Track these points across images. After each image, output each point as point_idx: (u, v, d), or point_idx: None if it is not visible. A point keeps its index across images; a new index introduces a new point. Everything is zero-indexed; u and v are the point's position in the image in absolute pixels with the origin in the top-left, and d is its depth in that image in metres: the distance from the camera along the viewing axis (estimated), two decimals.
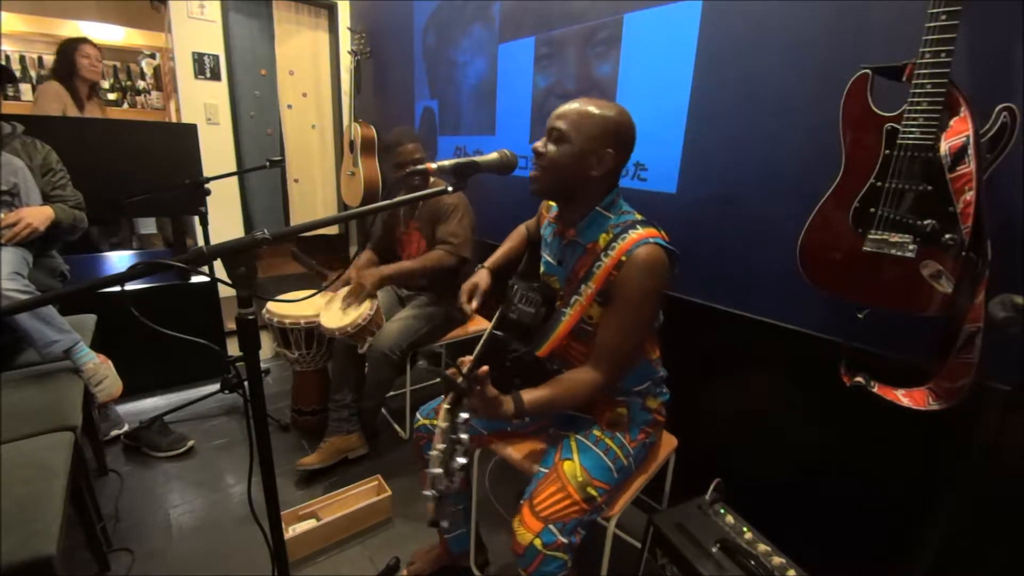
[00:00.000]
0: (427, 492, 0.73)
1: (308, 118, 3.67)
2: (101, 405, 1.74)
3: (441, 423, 0.82)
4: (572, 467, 1.07)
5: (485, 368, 0.90)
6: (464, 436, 0.78)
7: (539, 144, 1.05)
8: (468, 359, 0.96)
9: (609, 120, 1.01)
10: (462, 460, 0.75)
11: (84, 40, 2.75)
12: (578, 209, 1.08)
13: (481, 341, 1.06)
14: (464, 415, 0.81)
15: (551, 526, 0.99)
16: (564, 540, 0.99)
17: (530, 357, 1.09)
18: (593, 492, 1.04)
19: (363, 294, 1.84)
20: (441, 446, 0.77)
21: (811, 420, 1.32)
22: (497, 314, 1.23)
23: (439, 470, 0.74)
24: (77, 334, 1.57)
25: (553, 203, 1.19)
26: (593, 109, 1.02)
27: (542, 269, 1.23)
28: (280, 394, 2.38)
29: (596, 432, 1.14)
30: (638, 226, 1.03)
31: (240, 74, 3.14)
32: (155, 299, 2.29)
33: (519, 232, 1.48)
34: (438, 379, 0.91)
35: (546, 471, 1.08)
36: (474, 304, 1.29)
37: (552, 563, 0.99)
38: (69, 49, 2.69)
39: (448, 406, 0.84)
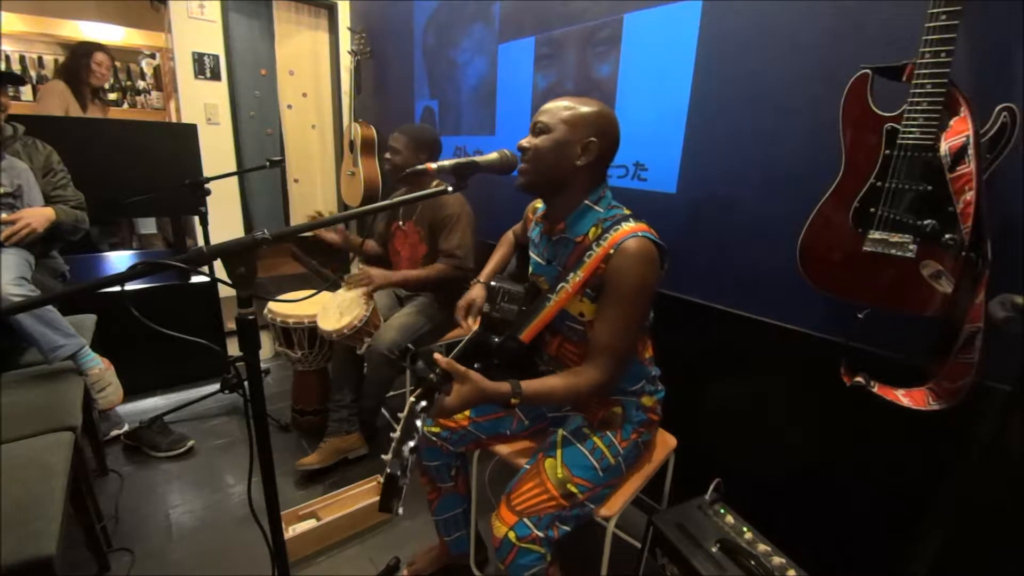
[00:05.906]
0: (381, 478, 0.77)
1: (308, 118, 3.67)
2: (100, 411, 1.75)
3: (404, 412, 0.85)
4: (553, 464, 1.07)
5: (456, 365, 0.91)
6: (419, 423, 0.82)
7: (524, 141, 1.06)
8: (445, 359, 0.96)
9: (589, 112, 1.03)
10: (411, 444, 0.80)
11: (99, 47, 2.79)
12: (566, 203, 1.09)
13: (463, 341, 1.07)
14: (423, 403, 0.84)
15: (525, 519, 1.00)
16: (539, 534, 1.00)
17: (514, 343, 1.09)
18: (573, 489, 1.04)
19: (367, 287, 1.83)
20: (396, 434, 0.81)
21: (811, 420, 1.32)
22: (480, 315, 1.24)
23: (389, 455, 0.78)
24: (82, 338, 1.57)
25: (539, 204, 1.20)
26: (571, 103, 1.04)
27: (530, 270, 1.24)
28: (280, 394, 2.39)
29: (585, 430, 1.14)
30: (630, 219, 1.04)
31: (240, 74, 3.14)
32: (155, 299, 2.29)
33: (507, 239, 1.49)
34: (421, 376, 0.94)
35: (529, 467, 1.09)
36: (470, 321, 1.31)
37: (527, 556, 0.99)
38: (82, 52, 2.72)
39: (413, 399, 0.86)
